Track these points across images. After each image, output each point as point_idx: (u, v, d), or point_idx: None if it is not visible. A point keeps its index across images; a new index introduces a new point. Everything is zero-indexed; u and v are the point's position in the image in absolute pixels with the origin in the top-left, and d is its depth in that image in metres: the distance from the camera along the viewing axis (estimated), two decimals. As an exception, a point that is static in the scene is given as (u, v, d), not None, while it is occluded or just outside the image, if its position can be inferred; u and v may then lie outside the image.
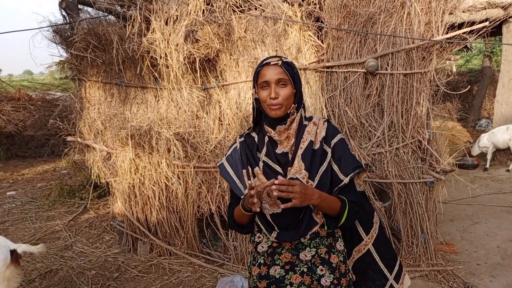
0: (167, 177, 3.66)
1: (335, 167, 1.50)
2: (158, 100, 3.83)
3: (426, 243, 3.31)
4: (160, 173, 3.66)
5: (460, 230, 4.26)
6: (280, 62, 1.44)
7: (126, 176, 3.79)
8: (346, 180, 1.48)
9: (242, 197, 1.50)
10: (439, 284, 3.16)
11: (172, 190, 3.70)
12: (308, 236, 1.48)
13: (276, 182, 1.30)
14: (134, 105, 3.92)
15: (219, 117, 3.70)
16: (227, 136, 3.61)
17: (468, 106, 11.25)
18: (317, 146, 1.49)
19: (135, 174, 3.78)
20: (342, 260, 1.54)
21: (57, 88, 9.93)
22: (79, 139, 4.03)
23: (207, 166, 3.54)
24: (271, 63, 1.44)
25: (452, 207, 4.89)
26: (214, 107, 3.70)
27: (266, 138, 1.52)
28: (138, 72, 3.72)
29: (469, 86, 10.04)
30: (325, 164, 1.48)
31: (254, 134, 1.59)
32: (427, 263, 3.30)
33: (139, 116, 3.87)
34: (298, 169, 1.46)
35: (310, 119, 1.55)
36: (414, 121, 3.18)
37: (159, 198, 3.74)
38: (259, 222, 1.53)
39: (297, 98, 1.48)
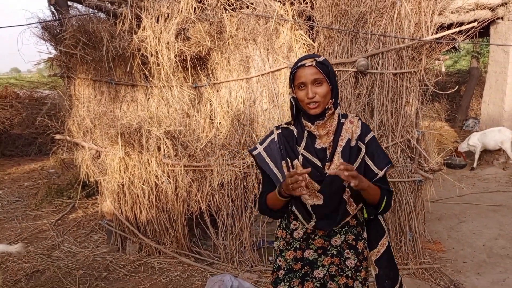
0: (157, 176, 3.63)
1: (369, 162, 1.61)
2: (149, 98, 3.81)
3: (414, 241, 3.35)
4: (150, 171, 3.64)
5: (447, 228, 4.32)
6: (314, 63, 1.50)
7: (116, 174, 3.76)
8: (381, 173, 1.59)
9: (278, 186, 1.56)
10: (427, 281, 3.20)
11: (162, 189, 3.67)
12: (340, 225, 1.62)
13: (337, 164, 1.43)
14: (124, 103, 3.89)
15: (210, 116, 3.69)
16: (218, 135, 3.60)
17: (456, 107, 11.40)
18: (353, 143, 1.59)
19: (124, 172, 3.74)
20: (365, 246, 1.72)
21: (45, 86, 9.79)
22: (67, 137, 3.98)
23: (197, 165, 3.52)
24: (306, 64, 1.50)
25: (440, 206, 4.96)
26: (205, 106, 3.68)
27: (306, 133, 1.59)
28: (128, 70, 3.69)
29: (457, 87, 10.17)
30: (358, 160, 1.59)
31: (293, 128, 1.66)
32: (414, 261, 3.34)
33: (129, 114, 3.83)
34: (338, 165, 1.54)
35: (345, 116, 1.65)
36: (403, 120, 3.21)
37: (148, 197, 3.72)
38: (296, 211, 1.63)
39: (334, 94, 1.55)
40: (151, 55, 3.40)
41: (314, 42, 3.37)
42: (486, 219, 4.54)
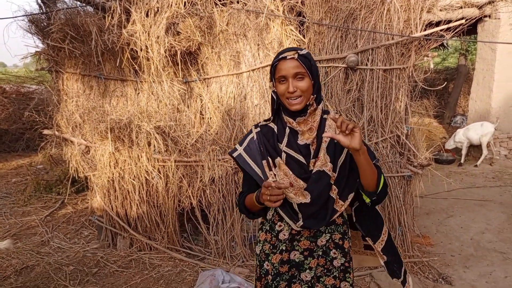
0: (147, 171, 3.62)
1: None
2: (138, 93, 3.78)
3: (403, 235, 3.40)
4: (140, 167, 3.62)
5: (436, 223, 4.38)
6: (296, 56, 1.44)
7: (106, 170, 3.73)
8: None
9: (257, 191, 1.52)
10: (416, 275, 3.25)
11: (153, 184, 3.66)
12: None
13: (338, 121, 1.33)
14: (114, 98, 3.86)
15: (200, 111, 3.68)
16: (208, 130, 3.60)
17: (444, 103, 11.53)
18: None
19: (114, 168, 3.72)
20: (351, 245, 1.68)
21: (32, 81, 9.64)
22: (56, 133, 3.94)
23: (188, 160, 3.52)
24: (288, 57, 1.44)
25: (428, 201, 5.03)
26: (195, 101, 3.67)
27: (287, 130, 1.54)
28: (117, 65, 3.66)
29: (445, 84, 10.28)
30: (343, 156, 1.53)
31: (272, 125, 1.60)
32: (404, 255, 3.38)
33: (118, 109, 3.80)
34: (324, 161, 1.50)
35: (327, 112, 1.60)
36: (393, 116, 3.24)
37: (139, 193, 3.70)
38: (281, 212, 1.57)
39: (316, 89, 1.49)
40: (141, 50, 3.37)
41: (304, 38, 3.38)
42: (474, 213, 4.61)
